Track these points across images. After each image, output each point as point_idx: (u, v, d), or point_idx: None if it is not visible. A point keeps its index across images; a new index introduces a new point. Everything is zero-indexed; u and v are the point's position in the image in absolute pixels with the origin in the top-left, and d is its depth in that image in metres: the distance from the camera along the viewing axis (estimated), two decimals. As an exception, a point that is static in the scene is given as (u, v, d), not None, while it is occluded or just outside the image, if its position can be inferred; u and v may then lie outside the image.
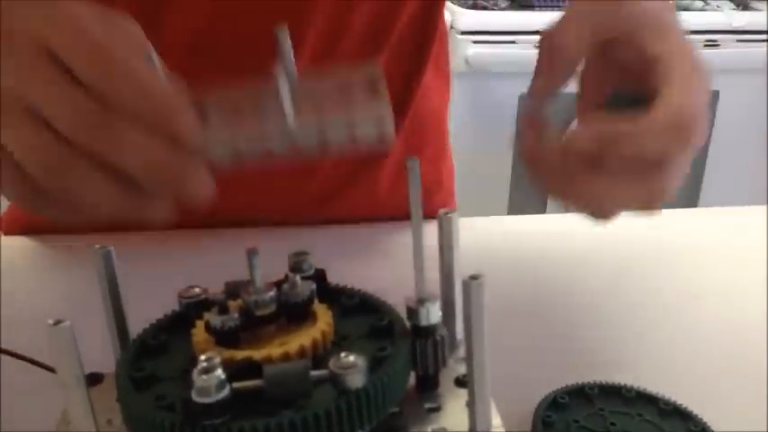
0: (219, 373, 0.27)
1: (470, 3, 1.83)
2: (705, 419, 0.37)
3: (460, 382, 0.33)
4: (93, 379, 0.34)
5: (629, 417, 0.38)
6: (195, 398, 0.26)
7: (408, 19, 0.58)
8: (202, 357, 0.27)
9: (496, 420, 0.31)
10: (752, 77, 1.95)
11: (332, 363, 0.28)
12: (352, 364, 0.28)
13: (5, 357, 0.42)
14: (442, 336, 0.33)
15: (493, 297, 0.29)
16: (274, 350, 0.29)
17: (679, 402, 0.38)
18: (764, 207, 0.66)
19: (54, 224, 0.45)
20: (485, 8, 1.81)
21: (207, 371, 0.26)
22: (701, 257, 0.59)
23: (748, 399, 0.41)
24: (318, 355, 0.30)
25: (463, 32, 1.78)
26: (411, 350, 0.32)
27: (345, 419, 0.27)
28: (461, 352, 0.35)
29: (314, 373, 0.28)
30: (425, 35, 0.60)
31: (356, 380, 0.28)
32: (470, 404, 0.30)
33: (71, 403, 0.28)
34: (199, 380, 0.26)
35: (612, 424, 0.37)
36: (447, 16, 0.69)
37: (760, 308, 0.50)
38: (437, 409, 0.32)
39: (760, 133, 2.03)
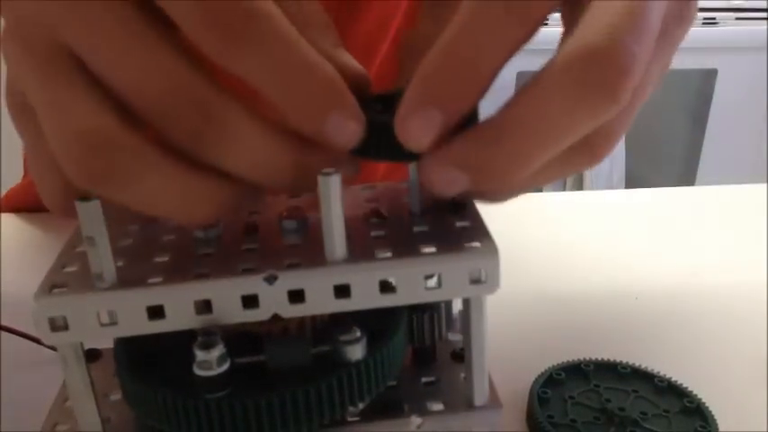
0: (221, 346, 0.27)
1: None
2: (700, 396, 0.38)
3: (457, 356, 0.34)
4: (92, 355, 0.34)
5: (625, 393, 0.38)
6: (196, 371, 0.27)
7: (404, 16, 0.58)
8: (202, 332, 0.28)
9: (494, 394, 0.31)
10: (751, 55, 1.95)
11: (332, 336, 0.28)
12: (352, 337, 0.28)
13: (4, 334, 0.42)
14: (439, 309, 0.33)
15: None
16: (274, 324, 0.29)
17: (674, 379, 0.39)
18: (764, 185, 0.66)
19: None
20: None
21: (208, 345, 0.27)
22: (700, 235, 0.60)
23: (744, 375, 0.42)
24: (317, 329, 0.30)
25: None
26: (408, 323, 0.32)
27: (346, 392, 0.28)
28: (458, 326, 0.36)
29: (314, 346, 0.28)
30: None
31: (356, 352, 0.28)
32: (468, 378, 0.30)
33: (70, 379, 0.28)
34: (200, 353, 0.26)
35: (608, 400, 0.37)
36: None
37: (758, 286, 0.51)
38: (434, 383, 0.32)
39: (758, 111, 2.03)
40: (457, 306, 0.36)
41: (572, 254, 0.55)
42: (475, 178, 0.26)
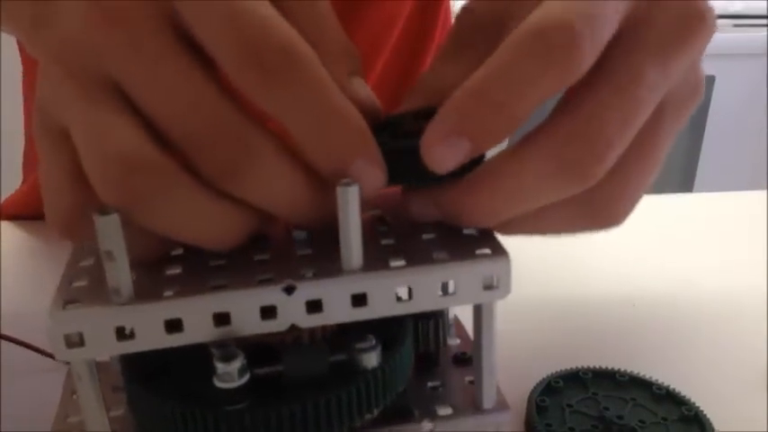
0: (241, 357, 0.27)
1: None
2: (698, 404, 0.38)
3: (459, 360, 0.34)
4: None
5: (623, 401, 0.38)
6: (217, 384, 0.27)
7: (408, 17, 0.58)
8: (214, 344, 0.27)
9: (501, 397, 0.31)
10: (749, 62, 1.95)
11: (347, 344, 0.29)
12: (368, 345, 0.28)
13: (3, 342, 0.42)
14: (444, 315, 0.34)
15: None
16: (287, 334, 0.29)
17: (672, 387, 0.39)
18: (763, 192, 0.66)
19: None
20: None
21: (228, 357, 0.27)
22: (698, 242, 0.60)
23: (742, 383, 0.42)
24: (327, 338, 0.30)
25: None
26: (414, 330, 0.32)
27: (365, 399, 0.28)
28: (453, 330, 0.36)
29: (330, 354, 0.29)
30: (426, 29, 0.60)
31: (372, 360, 0.28)
32: (477, 381, 0.31)
33: (84, 395, 0.27)
34: (221, 366, 0.26)
35: (606, 408, 0.37)
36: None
37: (756, 293, 0.51)
38: (439, 387, 0.32)
39: (756, 118, 2.03)
40: (453, 311, 0.36)
41: (570, 261, 0.55)
42: (445, 217, 0.29)
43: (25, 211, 0.63)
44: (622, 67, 0.27)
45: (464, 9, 0.34)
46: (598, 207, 0.30)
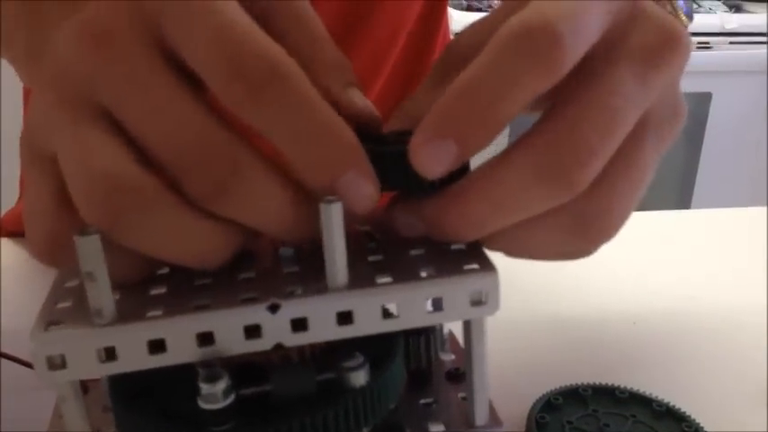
0: (226, 378, 0.26)
1: (464, 5, 1.84)
2: (698, 420, 0.38)
3: (452, 376, 0.34)
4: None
5: (623, 418, 0.38)
6: (202, 405, 0.26)
7: (411, 28, 0.59)
8: (201, 364, 0.27)
9: (494, 414, 0.31)
10: (745, 79, 1.96)
11: (335, 362, 0.28)
12: (356, 363, 0.28)
13: (3, 360, 0.42)
14: (434, 331, 0.33)
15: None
16: (274, 353, 0.29)
17: (672, 403, 0.39)
18: (763, 208, 0.67)
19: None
20: (479, 9, 1.83)
21: (212, 377, 0.26)
22: (696, 259, 0.60)
23: (742, 399, 0.42)
24: (316, 355, 0.30)
25: (457, 34, 1.79)
26: (404, 346, 0.32)
27: (352, 418, 0.28)
28: (448, 345, 0.36)
29: (318, 373, 0.28)
30: (427, 43, 0.61)
31: (360, 378, 0.28)
32: (468, 398, 0.30)
33: (70, 417, 0.27)
34: (205, 386, 0.26)
35: (606, 425, 0.37)
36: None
37: (755, 309, 0.51)
38: (432, 404, 0.32)
39: (753, 135, 2.04)
40: (447, 326, 0.36)
41: (569, 278, 0.55)
42: (431, 231, 0.29)
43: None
44: (602, 77, 0.28)
45: (450, 43, 0.35)
46: (589, 219, 0.29)
